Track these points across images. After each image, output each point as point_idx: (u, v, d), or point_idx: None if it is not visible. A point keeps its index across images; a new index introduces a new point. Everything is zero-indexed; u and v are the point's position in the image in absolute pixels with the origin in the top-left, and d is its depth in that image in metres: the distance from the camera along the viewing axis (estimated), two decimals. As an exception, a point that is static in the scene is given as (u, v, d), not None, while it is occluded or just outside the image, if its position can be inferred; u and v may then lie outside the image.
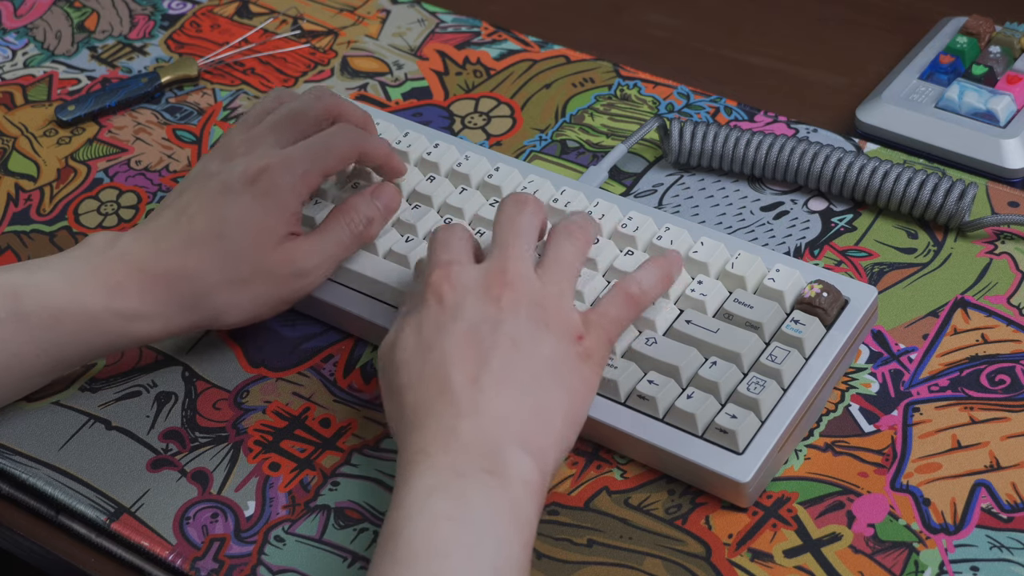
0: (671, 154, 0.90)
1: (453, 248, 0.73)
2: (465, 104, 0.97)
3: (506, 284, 0.70)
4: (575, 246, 0.74)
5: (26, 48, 1.07)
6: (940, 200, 0.84)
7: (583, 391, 0.69)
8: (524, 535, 0.64)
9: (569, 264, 0.73)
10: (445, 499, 0.64)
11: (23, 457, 0.78)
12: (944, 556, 0.70)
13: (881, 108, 0.91)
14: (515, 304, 0.69)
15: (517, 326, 0.69)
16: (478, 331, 0.69)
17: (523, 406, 0.67)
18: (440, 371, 0.68)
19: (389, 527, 0.64)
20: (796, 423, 0.73)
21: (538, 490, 0.66)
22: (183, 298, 0.76)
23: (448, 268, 0.72)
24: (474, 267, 0.72)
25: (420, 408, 0.67)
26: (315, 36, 1.05)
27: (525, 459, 0.66)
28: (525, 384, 0.68)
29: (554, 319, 0.70)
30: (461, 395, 0.67)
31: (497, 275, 0.71)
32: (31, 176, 0.96)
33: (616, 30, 1.04)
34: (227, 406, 0.80)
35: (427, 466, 0.65)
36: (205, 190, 0.78)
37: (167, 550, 0.73)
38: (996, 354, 0.78)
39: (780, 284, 0.77)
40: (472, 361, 0.68)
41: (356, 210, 0.80)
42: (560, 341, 0.69)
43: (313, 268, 0.78)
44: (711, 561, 0.71)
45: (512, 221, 0.74)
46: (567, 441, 0.68)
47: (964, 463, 0.73)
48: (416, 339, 0.70)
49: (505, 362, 0.68)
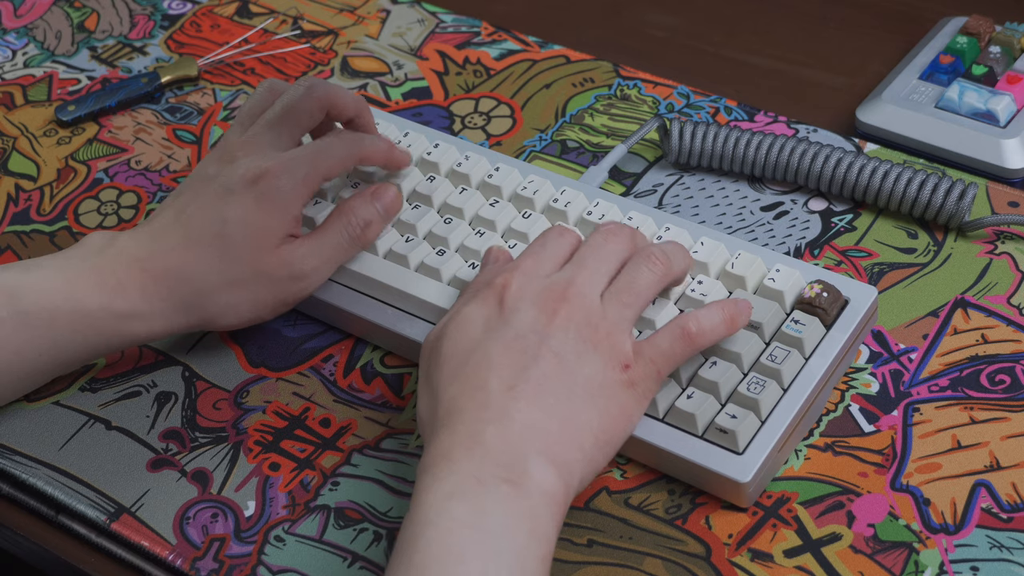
0: (671, 154, 0.90)
1: (540, 256, 0.73)
2: (465, 104, 0.97)
3: (564, 299, 0.70)
4: (652, 274, 0.73)
5: (26, 48, 1.07)
6: (940, 200, 0.84)
7: (620, 418, 0.69)
8: (542, 548, 0.64)
9: (638, 293, 0.72)
10: (464, 506, 0.63)
11: (23, 457, 0.78)
12: (944, 556, 0.70)
13: (881, 108, 0.91)
14: (568, 320, 0.69)
15: (565, 342, 0.68)
16: (525, 340, 0.68)
17: (553, 419, 0.67)
18: (480, 373, 0.68)
19: (407, 532, 0.64)
20: (796, 423, 0.73)
21: (559, 502, 0.65)
22: (181, 298, 0.76)
23: (517, 273, 0.71)
24: (543, 280, 0.71)
25: (453, 407, 0.67)
26: (315, 36, 1.05)
27: (548, 470, 0.65)
28: (559, 398, 0.67)
29: (604, 342, 0.69)
30: (493, 400, 0.66)
31: (560, 289, 0.70)
32: (31, 176, 0.96)
33: (616, 30, 1.04)
34: (227, 406, 0.80)
35: (449, 471, 0.65)
36: (205, 191, 0.78)
37: (167, 550, 0.73)
38: (996, 354, 0.78)
39: (780, 284, 0.77)
40: (512, 368, 0.67)
41: (354, 213, 0.80)
42: (606, 365, 0.69)
43: (311, 271, 0.78)
44: (711, 561, 0.71)
45: (599, 245, 0.73)
46: (595, 463, 0.68)
47: (964, 463, 0.73)
48: (465, 335, 0.69)
49: (544, 375, 0.67)
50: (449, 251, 0.81)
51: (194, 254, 0.76)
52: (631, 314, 0.71)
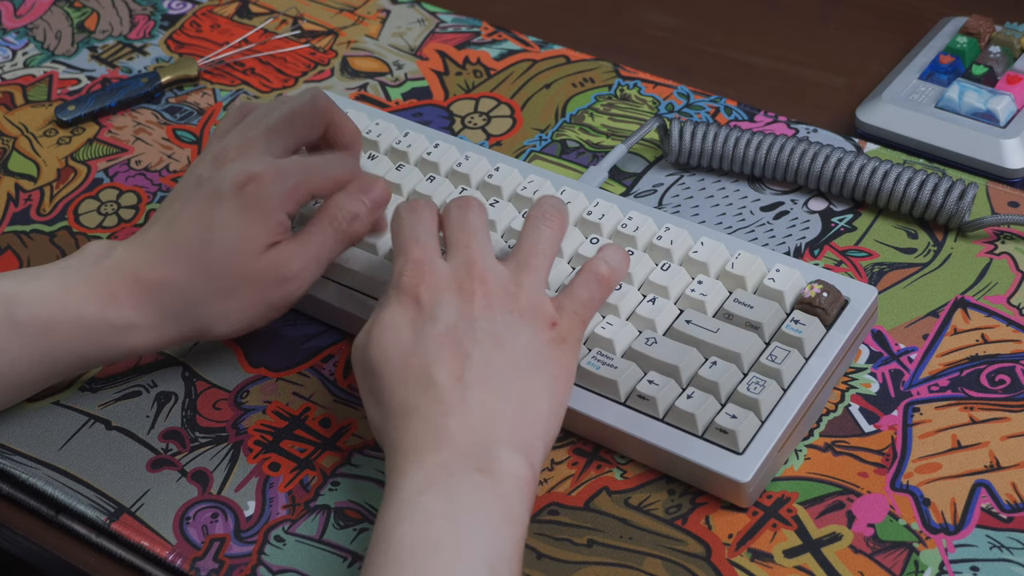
0: (671, 154, 0.90)
1: (422, 240, 0.73)
2: (465, 104, 0.97)
3: (476, 279, 0.71)
4: (551, 231, 0.74)
5: (26, 48, 1.07)
6: (940, 200, 0.84)
7: (563, 377, 0.70)
8: (517, 531, 0.65)
9: (543, 251, 0.73)
10: (437, 498, 0.64)
11: (23, 457, 0.78)
12: (944, 556, 0.70)
13: (881, 108, 0.91)
14: (487, 298, 0.70)
15: (493, 321, 0.69)
16: (456, 329, 0.69)
17: (509, 400, 0.68)
18: (424, 372, 0.68)
19: (381, 526, 0.64)
20: (796, 423, 0.73)
21: (528, 486, 0.66)
22: (174, 308, 0.76)
23: (420, 267, 0.72)
24: (444, 263, 0.72)
25: (406, 408, 0.68)
26: (315, 36, 1.05)
27: (515, 456, 0.66)
28: (508, 377, 0.68)
29: (526, 308, 0.70)
30: (447, 393, 0.67)
31: (466, 271, 0.71)
32: (31, 176, 0.96)
33: (616, 30, 1.04)
34: (227, 406, 0.80)
35: (417, 465, 0.65)
36: (196, 197, 0.77)
37: (167, 550, 0.73)
38: (996, 354, 0.78)
39: (780, 284, 0.77)
40: (454, 360, 0.68)
41: (340, 207, 0.78)
42: (535, 329, 0.70)
43: (298, 272, 0.77)
44: (711, 561, 0.71)
45: (462, 221, 0.74)
46: (553, 429, 0.69)
47: (964, 463, 0.73)
48: (395, 340, 0.70)
49: (486, 358, 0.68)
50: (449, 251, 0.81)
51: (182, 265, 0.76)
52: (544, 275, 0.73)
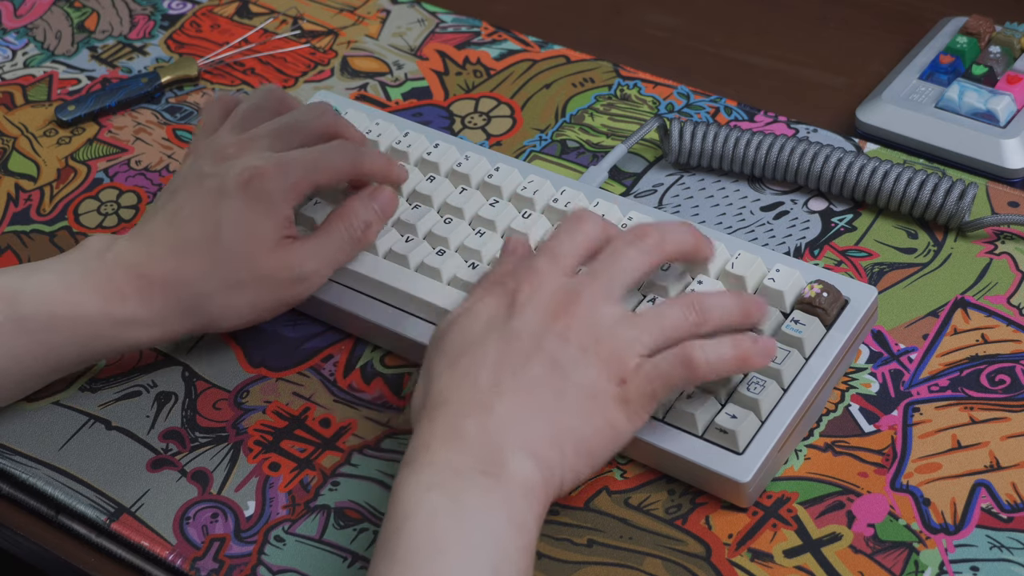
0: (671, 154, 0.90)
1: (559, 258, 0.71)
2: (465, 104, 0.97)
3: (571, 308, 0.69)
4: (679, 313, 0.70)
5: (26, 48, 1.07)
6: (940, 200, 0.84)
7: (607, 431, 0.68)
8: (523, 538, 0.64)
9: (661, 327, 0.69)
10: (442, 497, 0.64)
11: (23, 457, 0.78)
12: (944, 556, 0.70)
13: (881, 108, 0.91)
14: (568, 328, 0.68)
15: (562, 349, 0.68)
16: (522, 341, 0.68)
17: (536, 416, 0.67)
18: (470, 368, 0.68)
19: (388, 525, 0.64)
20: (796, 423, 0.73)
21: (538, 494, 0.65)
22: (180, 303, 0.76)
23: (539, 273, 0.70)
24: (557, 280, 0.70)
25: (440, 399, 0.67)
26: (315, 36, 1.05)
27: (527, 462, 0.65)
28: (546, 401, 0.67)
29: (604, 354, 0.68)
30: (479, 394, 0.67)
31: (570, 297, 0.69)
32: (31, 176, 0.96)
33: (616, 30, 1.04)
34: (227, 406, 0.80)
35: (427, 462, 0.65)
36: (199, 192, 0.77)
37: (167, 550, 0.73)
38: (996, 354, 0.78)
39: (780, 284, 0.77)
40: (504, 367, 0.67)
41: (355, 214, 0.80)
42: (600, 376, 0.68)
43: (312, 272, 0.78)
44: (711, 561, 0.71)
45: (619, 252, 0.71)
46: (577, 471, 0.67)
47: (964, 463, 0.73)
48: (470, 328, 0.69)
49: (534, 377, 0.67)
50: (449, 251, 0.81)
51: (191, 259, 0.76)
52: (648, 340, 0.69)
